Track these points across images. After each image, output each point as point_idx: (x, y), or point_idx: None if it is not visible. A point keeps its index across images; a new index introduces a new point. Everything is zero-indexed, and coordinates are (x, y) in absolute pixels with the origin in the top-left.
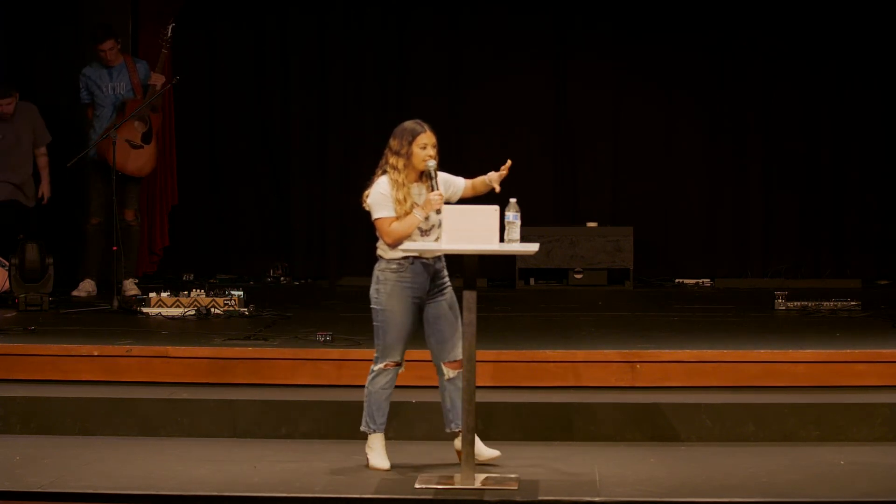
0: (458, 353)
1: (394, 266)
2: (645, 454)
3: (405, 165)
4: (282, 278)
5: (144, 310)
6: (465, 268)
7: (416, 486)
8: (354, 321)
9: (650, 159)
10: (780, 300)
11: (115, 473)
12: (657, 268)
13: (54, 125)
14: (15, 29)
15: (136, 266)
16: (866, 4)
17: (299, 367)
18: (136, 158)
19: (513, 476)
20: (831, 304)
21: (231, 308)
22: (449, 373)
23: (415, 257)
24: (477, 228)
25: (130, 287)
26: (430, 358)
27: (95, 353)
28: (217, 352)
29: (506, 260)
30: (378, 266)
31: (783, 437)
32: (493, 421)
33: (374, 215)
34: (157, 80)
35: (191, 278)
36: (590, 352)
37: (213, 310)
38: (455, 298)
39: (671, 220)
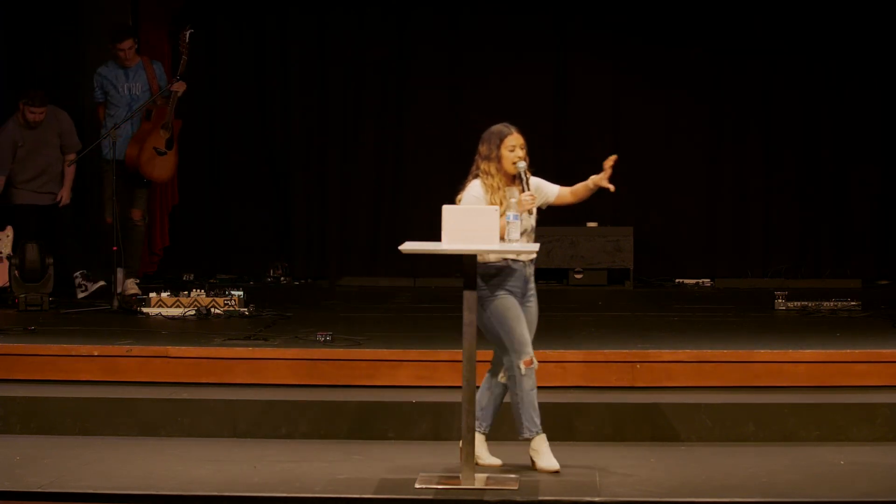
0: None
1: (493, 270)
2: (645, 454)
3: (497, 170)
4: (282, 278)
5: (144, 310)
6: (465, 268)
7: (417, 486)
8: (354, 321)
9: (650, 159)
10: (780, 300)
11: (115, 473)
12: (657, 268)
13: None
14: (15, 29)
15: (139, 266)
16: (866, 4)
17: (299, 367)
18: (161, 165)
19: (513, 476)
20: (831, 304)
21: (231, 308)
22: (504, 378)
23: (513, 259)
24: (477, 228)
25: (131, 287)
26: (427, 358)
27: (95, 353)
28: (217, 352)
29: None
30: (477, 271)
31: (783, 437)
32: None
33: None
34: (180, 87)
35: (191, 278)
36: (590, 352)
37: (213, 310)
38: (537, 305)
39: (671, 220)
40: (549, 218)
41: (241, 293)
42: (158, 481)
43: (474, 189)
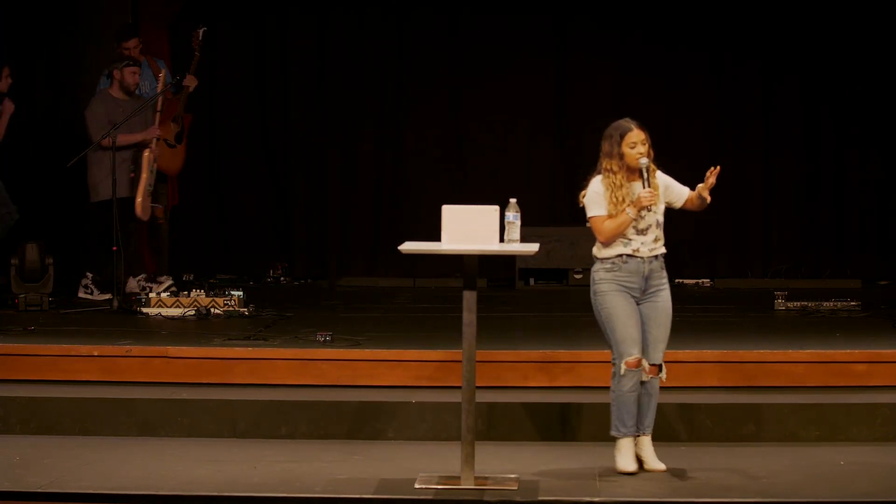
0: (658, 357)
1: (608, 265)
2: None
3: (619, 167)
4: (282, 278)
5: (144, 310)
6: (465, 268)
7: (416, 486)
8: (354, 321)
9: (651, 159)
10: (780, 300)
11: (115, 473)
12: None
13: (54, 126)
14: (15, 29)
15: (168, 264)
16: (867, 4)
17: (299, 367)
18: (171, 158)
19: (513, 476)
20: (831, 304)
21: (231, 308)
22: (643, 375)
23: (628, 255)
24: (477, 228)
25: (166, 281)
26: (427, 358)
27: (95, 353)
28: (217, 352)
29: (506, 260)
30: (593, 267)
31: (783, 437)
32: (493, 421)
33: (588, 214)
34: (191, 82)
35: (191, 278)
36: (590, 352)
37: (213, 310)
38: (670, 301)
39: (671, 220)
40: (548, 218)
41: (240, 293)
42: (158, 481)
43: (595, 185)
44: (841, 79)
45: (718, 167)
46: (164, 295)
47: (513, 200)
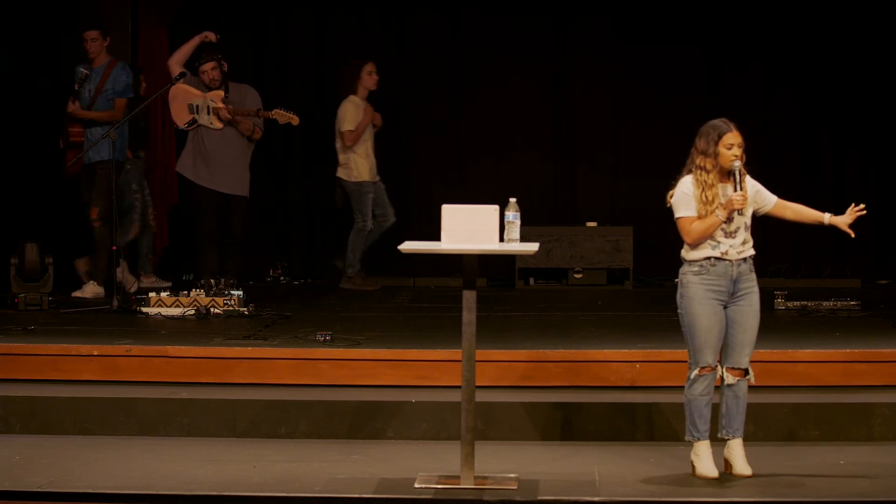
0: (744, 361)
1: (695, 268)
2: (645, 454)
3: (713, 166)
4: (281, 278)
5: (144, 310)
6: (464, 268)
7: (416, 485)
8: (354, 321)
9: (650, 159)
10: (780, 300)
11: (115, 473)
12: (657, 268)
13: (53, 125)
14: (15, 29)
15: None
16: (867, 4)
17: (299, 367)
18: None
19: (512, 476)
20: (831, 303)
21: (231, 308)
22: (728, 378)
23: (717, 258)
24: (477, 228)
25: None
26: (427, 358)
27: (95, 353)
28: (217, 351)
29: (505, 260)
30: (681, 269)
31: (783, 437)
32: (493, 421)
33: (676, 214)
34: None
35: (190, 278)
36: (590, 352)
37: (212, 310)
38: (758, 305)
39: (671, 220)
40: (548, 217)
41: (240, 293)
42: (158, 481)
43: (684, 185)
44: (840, 79)
45: (864, 205)
46: (163, 294)
47: (513, 200)
